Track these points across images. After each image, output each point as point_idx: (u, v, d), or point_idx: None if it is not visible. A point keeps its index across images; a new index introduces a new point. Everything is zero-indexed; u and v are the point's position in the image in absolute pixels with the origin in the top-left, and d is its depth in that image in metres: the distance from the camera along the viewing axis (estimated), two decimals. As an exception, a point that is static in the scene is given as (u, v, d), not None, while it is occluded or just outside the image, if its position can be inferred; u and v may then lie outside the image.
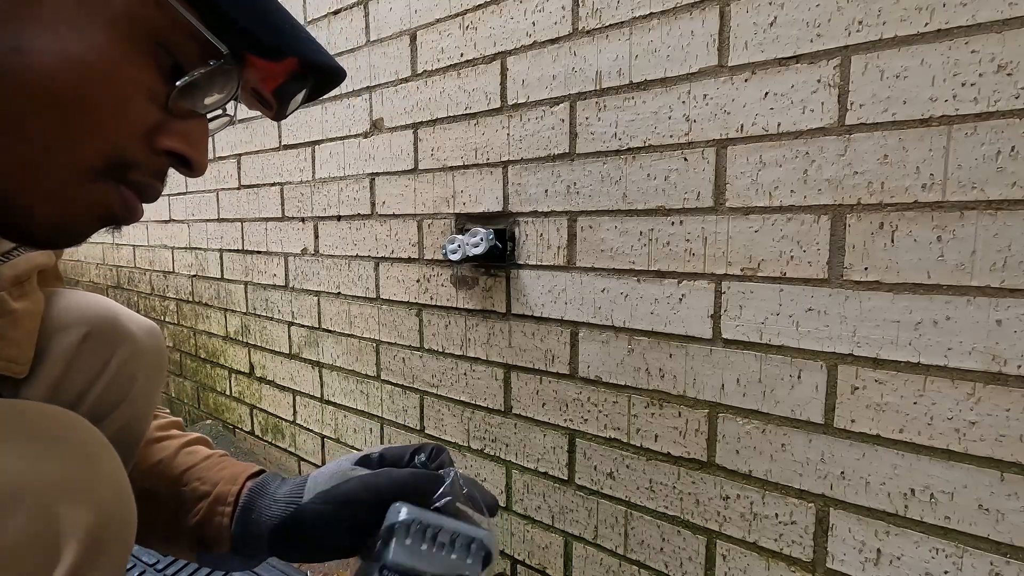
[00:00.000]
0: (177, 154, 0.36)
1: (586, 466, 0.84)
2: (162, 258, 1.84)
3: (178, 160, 0.37)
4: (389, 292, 1.10)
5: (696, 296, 0.71)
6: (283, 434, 1.45)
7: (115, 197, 0.35)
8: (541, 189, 0.84)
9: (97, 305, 0.56)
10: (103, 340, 0.54)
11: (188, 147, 0.36)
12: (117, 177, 0.34)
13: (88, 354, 0.53)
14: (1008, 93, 0.51)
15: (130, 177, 0.35)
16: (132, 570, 1.13)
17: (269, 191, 1.36)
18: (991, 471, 0.54)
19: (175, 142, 0.36)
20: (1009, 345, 0.53)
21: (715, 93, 0.67)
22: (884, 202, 0.58)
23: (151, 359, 0.58)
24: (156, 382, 0.60)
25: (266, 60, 0.37)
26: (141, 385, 0.57)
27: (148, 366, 0.58)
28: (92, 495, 0.34)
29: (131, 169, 0.35)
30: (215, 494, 0.52)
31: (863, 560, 0.62)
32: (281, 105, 0.40)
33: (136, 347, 0.56)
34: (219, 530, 0.50)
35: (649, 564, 0.79)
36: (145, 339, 0.58)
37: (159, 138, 0.35)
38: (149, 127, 0.34)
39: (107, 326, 0.55)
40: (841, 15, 0.58)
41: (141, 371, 0.57)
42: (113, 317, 0.56)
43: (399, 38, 1.01)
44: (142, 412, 0.58)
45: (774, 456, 0.67)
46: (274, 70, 0.38)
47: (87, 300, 0.56)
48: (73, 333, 0.53)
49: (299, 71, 0.38)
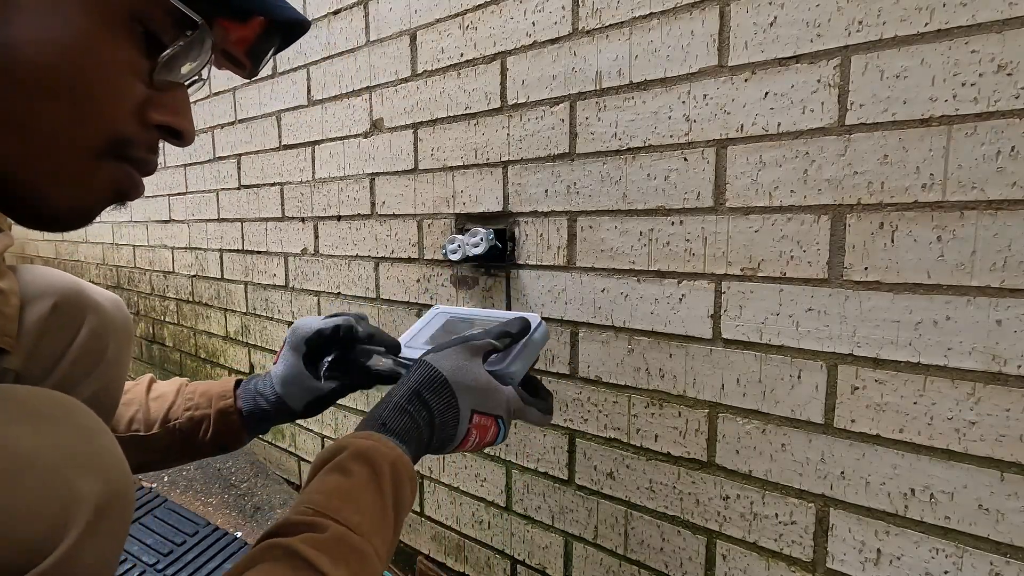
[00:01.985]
0: (167, 126, 0.38)
1: (586, 466, 0.84)
2: (162, 258, 1.84)
3: (168, 132, 0.38)
4: (389, 292, 1.10)
5: (696, 296, 0.71)
6: (283, 434, 1.45)
7: (121, 174, 0.37)
8: (541, 189, 0.84)
9: (62, 277, 0.57)
10: (71, 309, 0.56)
11: (176, 118, 0.38)
12: (119, 155, 0.36)
13: (58, 322, 0.55)
14: (1008, 93, 0.51)
15: (130, 154, 0.37)
16: (132, 570, 1.14)
17: (269, 191, 1.36)
18: (991, 471, 0.54)
19: (164, 115, 0.37)
20: (1009, 345, 0.53)
21: (715, 93, 0.67)
22: (884, 202, 0.58)
23: (120, 328, 0.60)
24: (126, 349, 0.62)
25: (236, 23, 0.38)
26: (112, 351, 0.59)
27: (117, 335, 0.60)
28: (97, 465, 0.36)
29: (130, 146, 0.36)
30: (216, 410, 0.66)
31: (863, 560, 0.62)
32: (254, 63, 0.42)
33: (104, 315, 0.58)
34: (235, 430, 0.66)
35: (649, 564, 0.79)
36: (112, 309, 0.60)
37: (149, 113, 0.36)
38: (138, 103, 0.35)
39: (74, 296, 0.56)
40: (841, 15, 0.58)
41: (112, 340, 0.59)
42: (80, 289, 0.58)
43: (399, 38, 1.01)
44: (115, 379, 0.60)
45: (774, 456, 0.67)
46: (244, 31, 0.39)
47: (51, 273, 0.57)
48: (42, 303, 0.54)
49: (267, 29, 0.40)
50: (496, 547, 0.98)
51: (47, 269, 0.58)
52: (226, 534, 1.25)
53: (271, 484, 1.45)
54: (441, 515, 1.07)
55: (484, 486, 0.99)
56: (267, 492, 1.42)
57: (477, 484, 1.00)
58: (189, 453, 0.66)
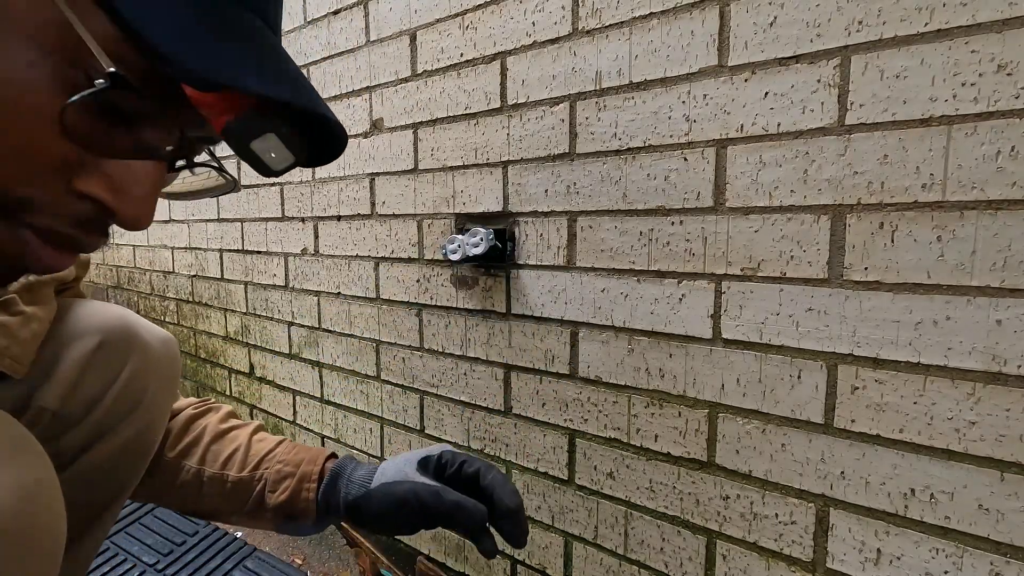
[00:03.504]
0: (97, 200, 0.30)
1: (586, 466, 0.84)
2: (162, 258, 1.84)
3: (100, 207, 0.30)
4: (389, 292, 1.10)
5: (696, 296, 0.71)
6: (283, 434, 1.45)
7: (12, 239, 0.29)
8: (541, 189, 0.84)
9: (113, 314, 0.57)
10: (116, 349, 0.55)
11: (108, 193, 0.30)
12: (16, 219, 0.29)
13: (101, 362, 0.54)
14: (1008, 93, 0.51)
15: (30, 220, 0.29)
16: (132, 570, 1.13)
17: (269, 191, 1.37)
18: (991, 471, 0.54)
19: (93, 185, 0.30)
20: (1009, 345, 0.53)
21: (715, 93, 0.67)
22: (884, 202, 0.58)
23: (164, 369, 0.59)
24: (168, 393, 0.61)
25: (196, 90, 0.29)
26: (152, 395, 0.58)
27: (160, 376, 0.59)
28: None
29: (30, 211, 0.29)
30: (299, 474, 0.60)
31: (863, 560, 0.62)
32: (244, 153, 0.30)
33: (149, 357, 0.57)
34: (306, 503, 0.59)
35: (649, 564, 0.79)
36: (159, 349, 0.59)
37: (76, 179, 0.29)
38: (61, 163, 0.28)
39: (121, 335, 0.56)
40: (841, 15, 0.58)
41: (153, 381, 0.58)
42: (128, 327, 0.57)
43: (399, 38, 1.01)
44: (154, 421, 0.59)
45: (774, 456, 0.67)
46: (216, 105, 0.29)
47: (104, 309, 0.57)
48: (87, 341, 0.54)
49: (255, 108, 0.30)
50: (496, 547, 0.98)
51: (104, 305, 0.57)
52: (226, 534, 1.25)
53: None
54: (441, 515, 1.07)
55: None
56: (267, 492, 1.42)
57: (477, 484, 1.00)
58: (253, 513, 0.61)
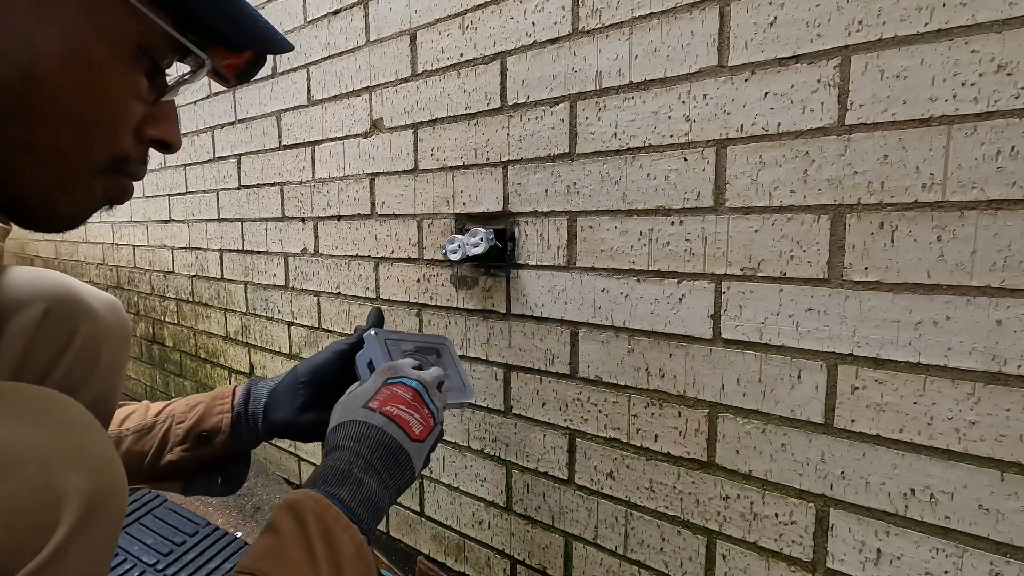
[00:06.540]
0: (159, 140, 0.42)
1: (586, 466, 0.84)
2: (162, 258, 1.84)
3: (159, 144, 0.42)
4: (389, 292, 1.10)
5: (696, 296, 0.71)
6: (283, 434, 1.45)
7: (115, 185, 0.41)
8: (541, 189, 0.84)
9: (55, 280, 0.55)
10: (64, 316, 0.54)
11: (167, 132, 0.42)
12: (118, 170, 0.40)
13: (50, 330, 0.52)
14: (1008, 93, 0.51)
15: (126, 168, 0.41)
16: (132, 570, 1.14)
17: (269, 191, 1.37)
18: (991, 471, 0.54)
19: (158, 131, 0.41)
20: (1009, 345, 0.53)
21: (715, 93, 0.67)
22: (884, 202, 0.58)
23: (115, 334, 0.58)
24: (122, 357, 0.60)
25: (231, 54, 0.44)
26: (107, 361, 0.57)
27: (113, 342, 0.57)
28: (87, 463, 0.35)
29: (127, 162, 0.40)
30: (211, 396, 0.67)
31: (863, 560, 0.62)
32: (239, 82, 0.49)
33: (98, 323, 0.56)
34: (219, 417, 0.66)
35: (649, 564, 0.79)
36: (108, 314, 0.57)
37: (145, 130, 0.40)
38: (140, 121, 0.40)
39: (67, 301, 0.54)
40: (841, 15, 0.58)
41: (106, 347, 0.56)
42: (73, 292, 0.55)
43: (399, 38, 1.01)
44: (111, 387, 0.58)
45: (774, 456, 0.67)
46: (236, 59, 0.45)
47: (44, 276, 0.55)
48: (32, 310, 0.52)
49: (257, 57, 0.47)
50: (496, 547, 0.98)
51: (39, 271, 0.55)
52: (226, 534, 1.25)
53: (271, 484, 1.45)
54: (441, 515, 1.07)
55: (484, 486, 0.99)
56: (267, 492, 1.42)
57: (477, 484, 1.00)
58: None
